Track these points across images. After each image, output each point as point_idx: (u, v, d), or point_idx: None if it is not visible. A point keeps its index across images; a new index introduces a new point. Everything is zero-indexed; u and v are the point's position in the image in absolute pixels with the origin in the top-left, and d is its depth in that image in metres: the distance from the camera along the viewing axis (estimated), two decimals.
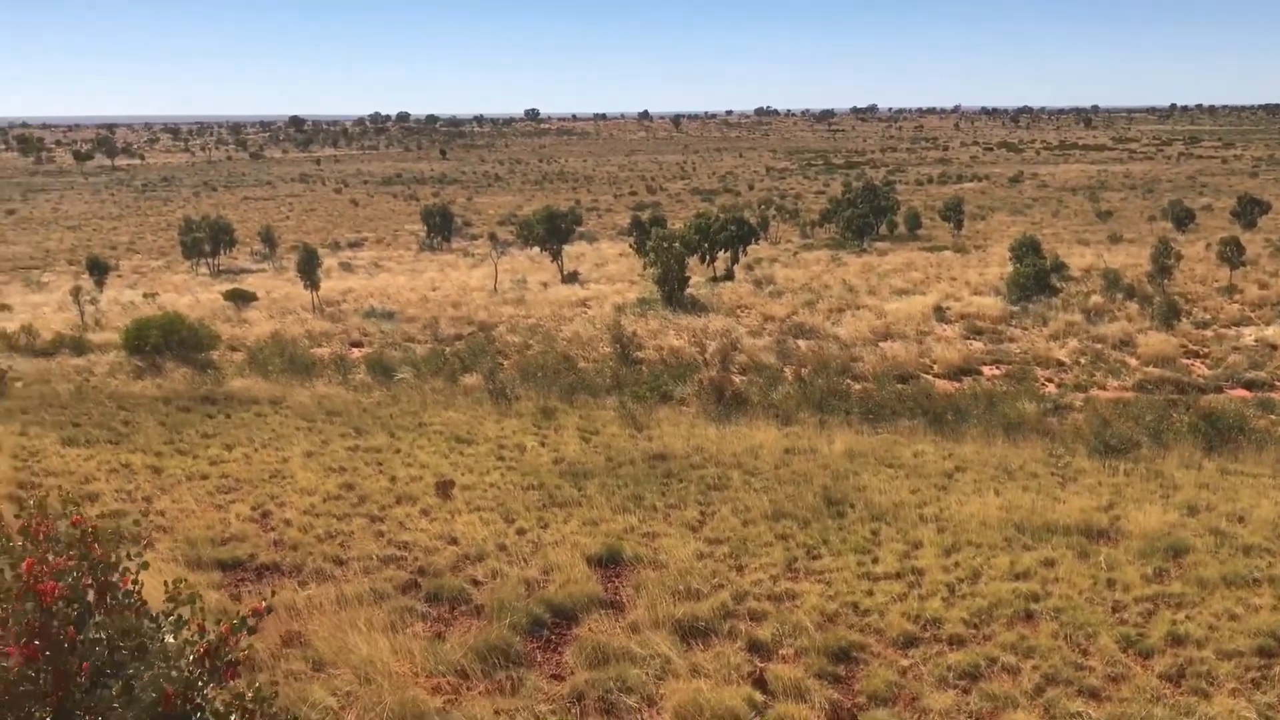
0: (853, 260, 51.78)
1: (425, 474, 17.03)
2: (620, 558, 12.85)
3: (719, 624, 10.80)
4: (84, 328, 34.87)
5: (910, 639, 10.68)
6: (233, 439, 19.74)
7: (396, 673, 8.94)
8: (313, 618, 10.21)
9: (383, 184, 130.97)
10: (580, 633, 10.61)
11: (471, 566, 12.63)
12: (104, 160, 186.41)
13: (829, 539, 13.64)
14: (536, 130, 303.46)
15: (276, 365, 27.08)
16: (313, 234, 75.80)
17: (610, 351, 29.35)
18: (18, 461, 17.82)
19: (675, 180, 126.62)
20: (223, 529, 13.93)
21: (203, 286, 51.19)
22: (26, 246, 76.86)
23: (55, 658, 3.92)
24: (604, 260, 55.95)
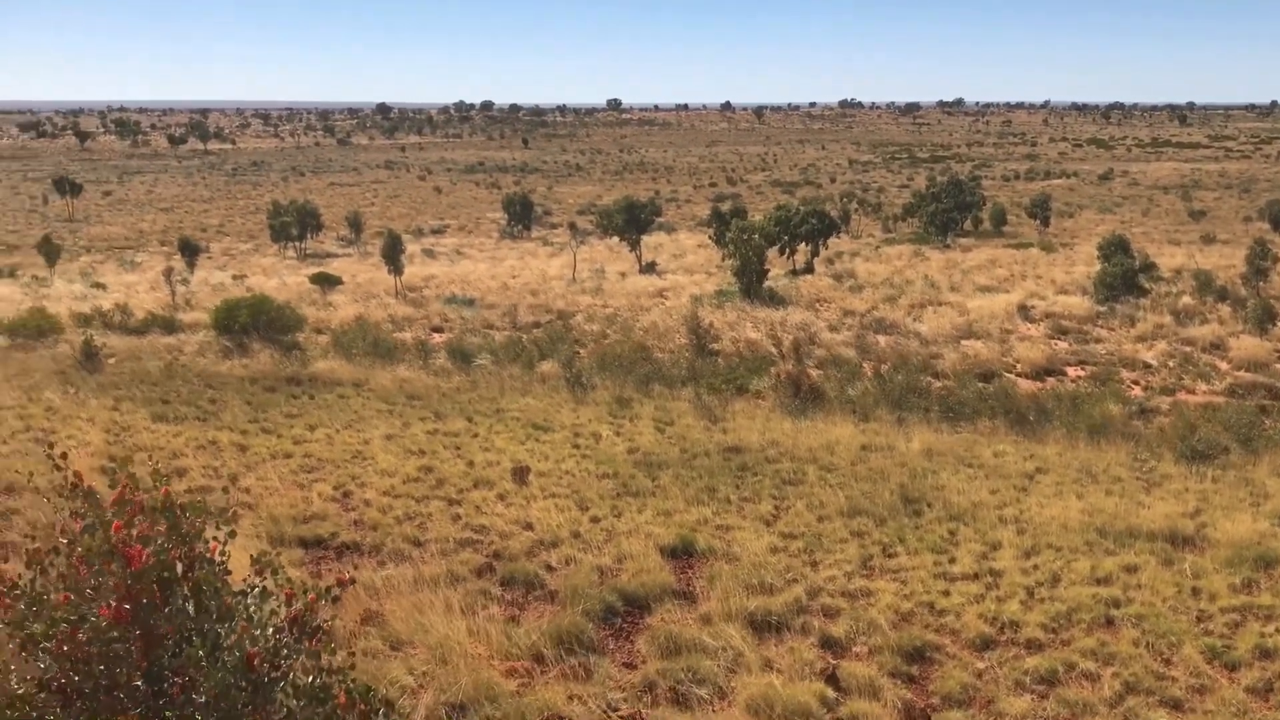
0: (936, 256, 51.05)
1: (502, 459, 17.21)
2: (693, 549, 12.86)
3: (792, 619, 10.77)
4: (175, 307, 35.79)
5: (987, 641, 10.54)
6: (316, 419, 20.15)
7: (472, 654, 9.07)
8: (390, 597, 10.40)
9: (466, 172, 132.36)
10: (652, 622, 10.65)
11: (546, 552, 12.75)
12: (197, 144, 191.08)
13: (905, 537, 13.51)
14: (618, 120, 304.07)
15: (360, 348, 27.53)
16: (397, 220, 76.90)
17: (686, 342, 29.32)
18: (109, 436, 18.40)
19: (756, 172, 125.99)
20: (305, 507, 14.24)
21: (290, 270, 52.22)
22: (121, 227, 79.19)
23: (143, 620, 4.06)
24: (682, 251, 55.88)
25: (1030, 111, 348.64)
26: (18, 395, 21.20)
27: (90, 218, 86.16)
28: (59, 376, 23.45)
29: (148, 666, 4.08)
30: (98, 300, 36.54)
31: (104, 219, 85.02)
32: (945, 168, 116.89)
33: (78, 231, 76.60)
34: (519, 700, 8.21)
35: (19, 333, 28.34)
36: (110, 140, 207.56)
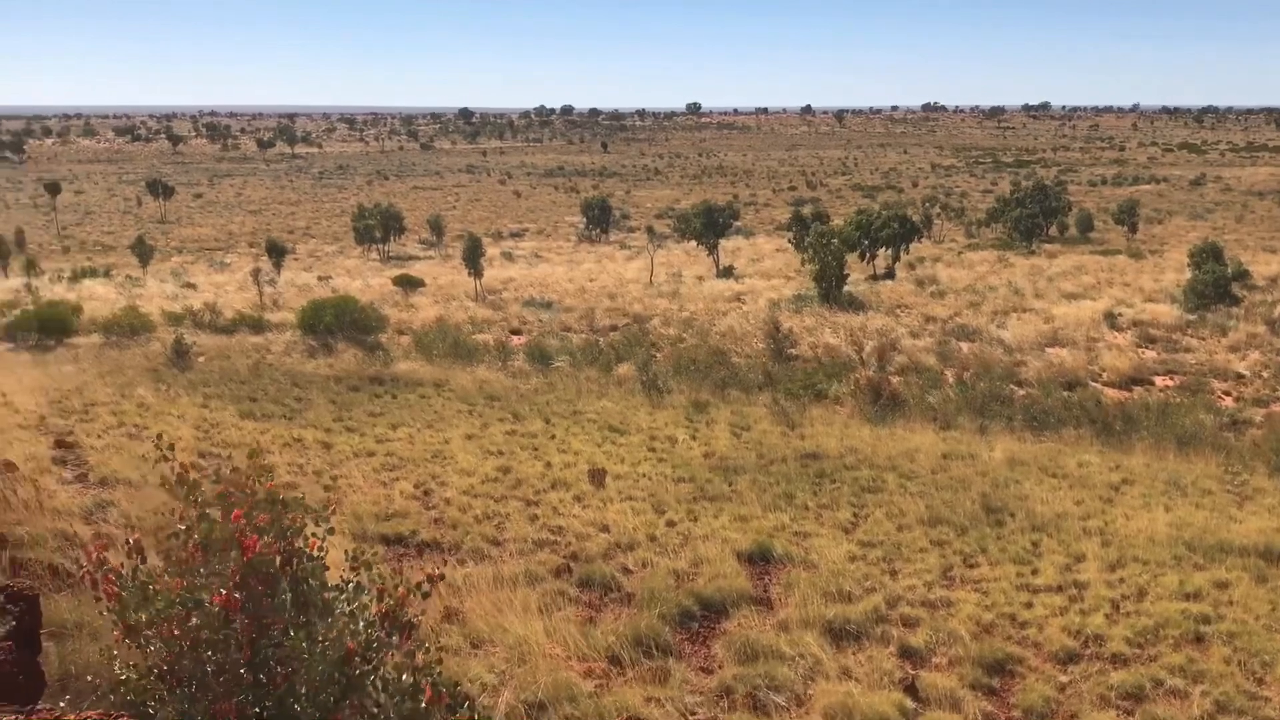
0: (1020, 262, 50.16)
1: (579, 461, 17.30)
2: (770, 555, 12.81)
3: (871, 628, 10.66)
4: (262, 307, 36.62)
5: (1070, 654, 10.33)
6: (398, 419, 20.46)
7: (550, 654, 9.14)
8: (470, 595, 10.53)
9: (545, 176, 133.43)
10: (729, 627, 10.63)
11: (622, 555, 12.79)
12: (284, 148, 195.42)
13: (987, 547, 13.30)
14: (697, 124, 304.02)
15: (440, 349, 27.92)
16: (477, 223, 77.82)
17: (764, 347, 29.20)
18: (199, 432, 18.89)
19: (836, 176, 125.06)
20: (387, 505, 14.47)
21: (373, 271, 53.13)
22: (211, 229, 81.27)
23: (252, 609, 4.17)
24: (760, 255, 55.69)
25: (1119, 115, 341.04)
26: (112, 392, 21.87)
27: (181, 219, 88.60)
28: (151, 374, 24.15)
29: (251, 655, 4.20)
30: (188, 300, 37.54)
31: (195, 221, 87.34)
32: (1030, 172, 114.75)
33: (170, 233, 78.82)
34: (597, 701, 8.26)
35: (113, 331, 29.24)
36: (201, 144, 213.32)
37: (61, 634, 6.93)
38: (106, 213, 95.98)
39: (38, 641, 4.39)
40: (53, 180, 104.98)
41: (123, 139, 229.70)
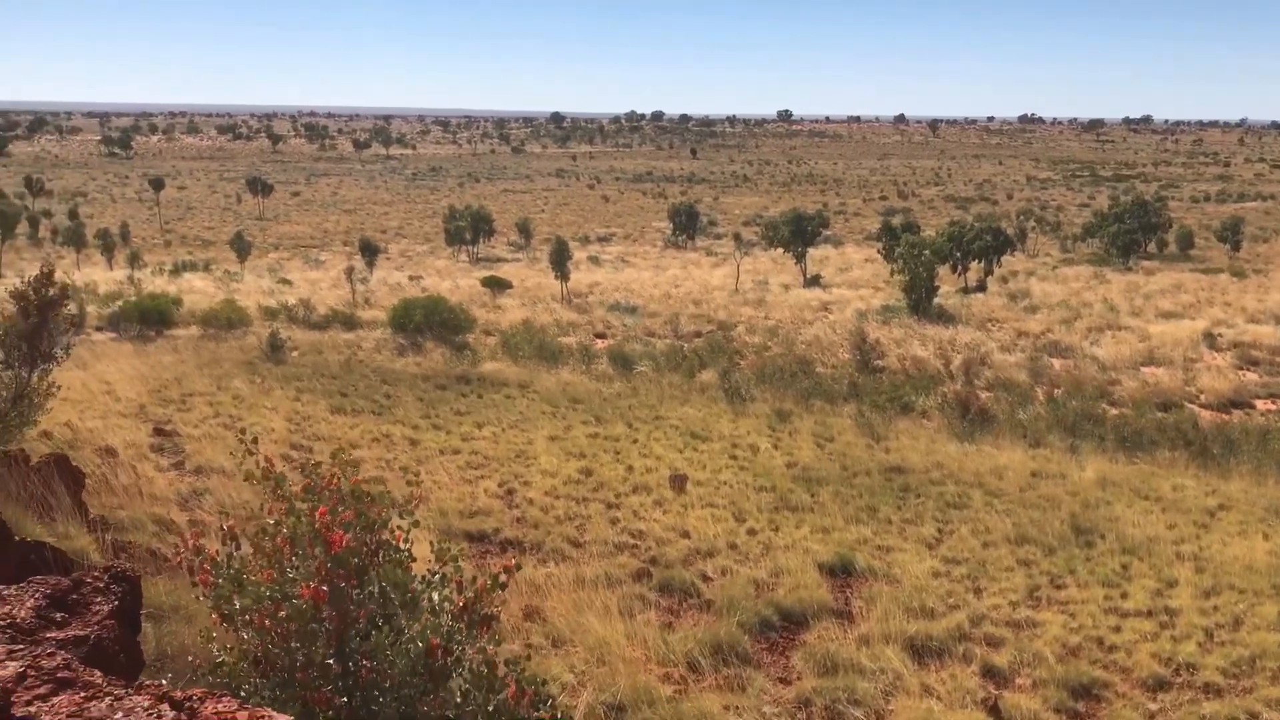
0: (1117, 278, 48.94)
1: (660, 466, 17.32)
2: (852, 568, 12.67)
3: (953, 645, 10.49)
4: (354, 305, 37.37)
5: (1160, 682, 10.04)
6: (483, 418, 20.70)
7: (629, 657, 9.16)
8: (551, 595, 10.61)
9: (633, 181, 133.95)
10: (808, 639, 10.54)
11: (702, 561, 12.77)
12: (380, 149, 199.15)
13: (1075, 569, 12.99)
14: (788, 131, 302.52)
15: (526, 351, 28.18)
16: (565, 227, 78.39)
17: (850, 358, 28.92)
18: (291, 424, 19.32)
19: (929, 186, 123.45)
20: (471, 502, 14.65)
21: (462, 272, 53.85)
22: (307, 227, 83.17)
23: (338, 603, 4.27)
24: (849, 265, 55.19)
25: (1225, 130, 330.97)
26: (208, 383, 22.48)
27: (279, 217, 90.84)
28: (246, 366, 24.77)
29: (338, 647, 4.29)
30: (283, 295, 38.45)
31: (291, 218, 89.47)
32: (1129, 187, 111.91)
33: (267, 229, 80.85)
34: (676, 706, 8.25)
35: (212, 323, 30.08)
36: (300, 143, 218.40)
37: (158, 615, 7.15)
38: (207, 209, 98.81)
39: (138, 622, 4.54)
40: (157, 176, 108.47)
41: (225, 137, 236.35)
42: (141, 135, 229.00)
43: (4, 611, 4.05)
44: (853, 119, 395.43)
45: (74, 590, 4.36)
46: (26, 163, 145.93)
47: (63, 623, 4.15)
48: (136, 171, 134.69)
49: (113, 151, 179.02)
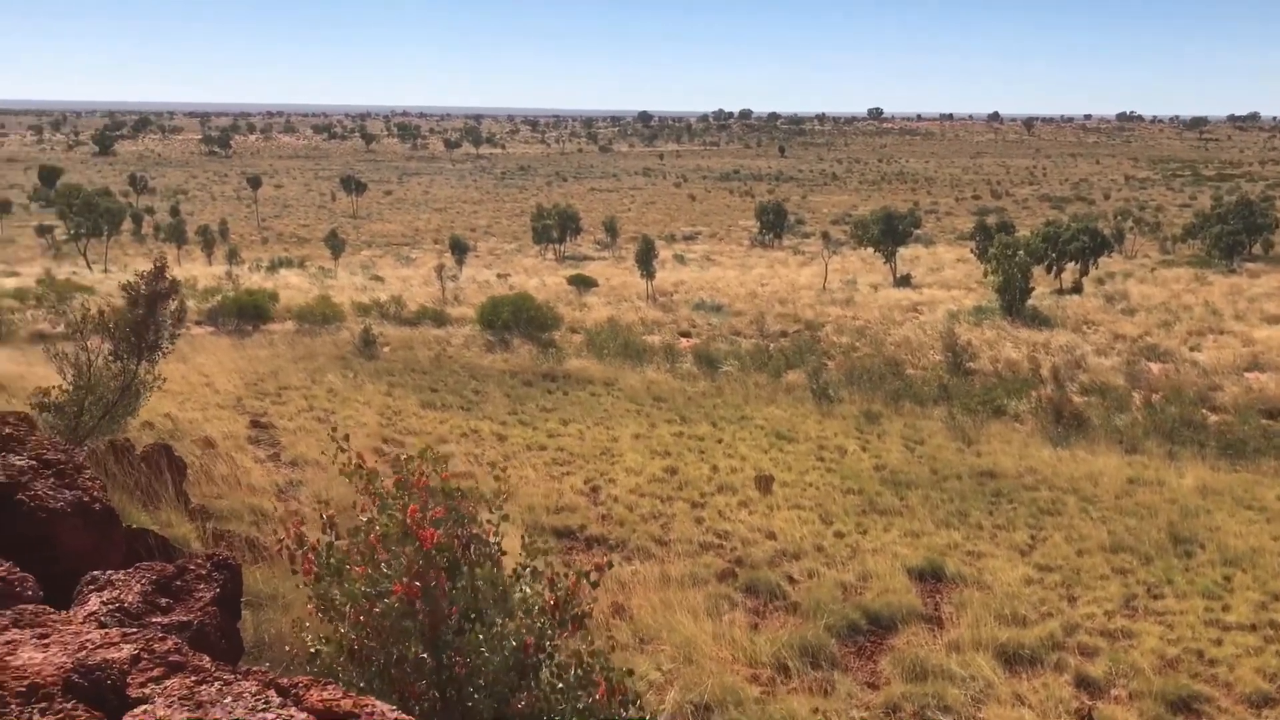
0: (1219, 280, 47.38)
1: (745, 466, 17.25)
2: (942, 573, 12.48)
3: (1046, 654, 10.25)
4: (444, 302, 37.89)
5: (1264, 698, 9.69)
6: (569, 415, 20.83)
7: (716, 657, 9.14)
8: (637, 593, 10.63)
9: (720, 179, 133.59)
10: (897, 644, 10.40)
11: (788, 563, 12.68)
12: (470, 148, 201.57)
13: (1173, 579, 12.62)
14: (878, 129, 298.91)
15: (611, 349, 28.29)
16: (651, 226, 78.51)
17: (940, 360, 28.47)
18: (383, 418, 19.66)
19: (1023, 185, 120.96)
20: (557, 499, 14.74)
21: (549, 270, 54.26)
22: (399, 225, 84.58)
23: (430, 599, 4.32)
24: (940, 265, 54.33)
25: None
26: (304, 376, 22.99)
27: (372, 215, 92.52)
28: (340, 361, 25.28)
29: (432, 643, 4.34)
30: (375, 292, 39.15)
31: (384, 216, 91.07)
32: (1234, 187, 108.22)
33: (360, 227, 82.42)
34: (763, 708, 8.21)
35: (306, 319, 30.75)
36: (393, 143, 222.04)
37: (256, 603, 7.33)
38: (303, 206, 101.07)
39: (238, 609, 4.66)
40: (255, 175, 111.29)
41: (320, 136, 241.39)
42: (240, 135, 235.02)
43: (113, 596, 4.18)
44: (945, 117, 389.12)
45: (178, 576, 4.49)
46: (131, 161, 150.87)
47: (168, 608, 4.27)
48: (235, 170, 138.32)
49: (213, 150, 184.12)
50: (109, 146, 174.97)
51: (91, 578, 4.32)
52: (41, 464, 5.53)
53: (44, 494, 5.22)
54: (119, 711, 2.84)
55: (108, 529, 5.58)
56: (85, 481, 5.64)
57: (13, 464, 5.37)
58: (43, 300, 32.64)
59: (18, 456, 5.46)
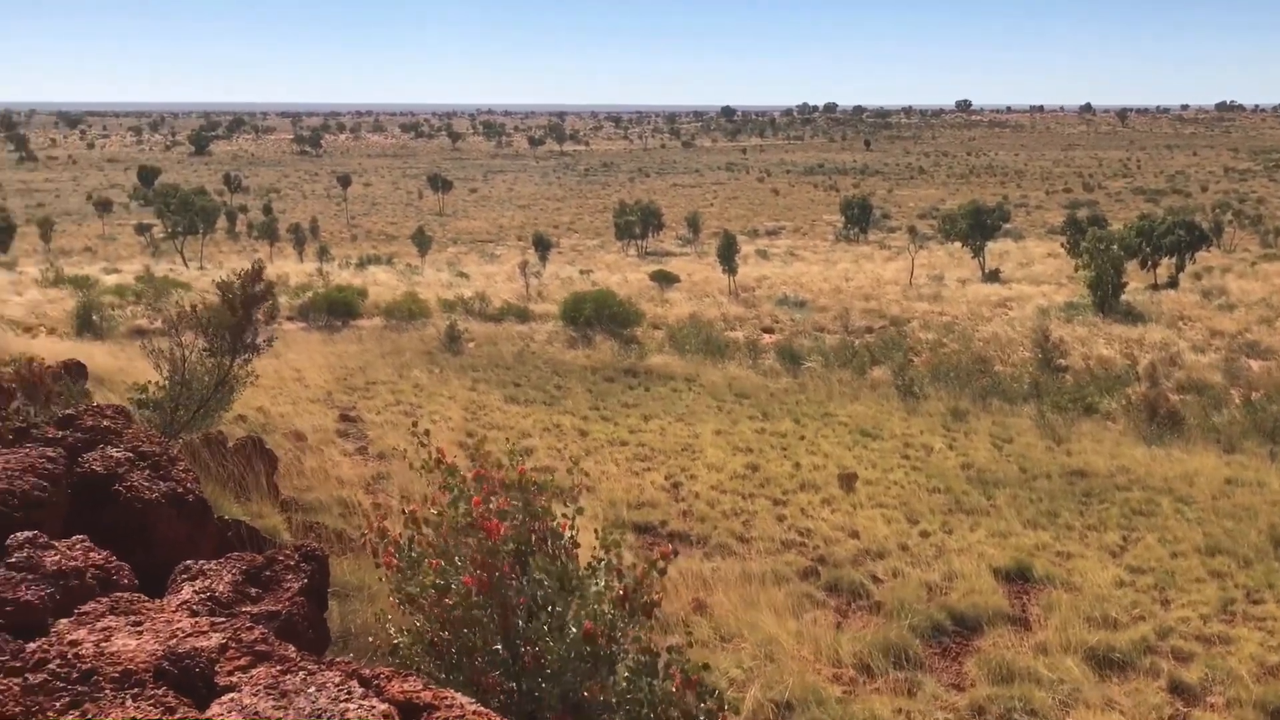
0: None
1: (828, 464, 17.09)
2: (1029, 574, 12.22)
3: (1138, 658, 9.98)
4: (527, 298, 38.22)
5: None
6: (650, 411, 20.87)
7: (797, 655, 9.08)
8: (718, 590, 10.59)
9: (804, 174, 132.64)
10: (982, 645, 10.22)
11: (871, 562, 12.53)
12: (554, 145, 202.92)
13: (1274, 583, 12.18)
14: (966, 122, 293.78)
15: (692, 345, 28.27)
16: (734, 221, 78.26)
17: (1030, 356, 27.90)
18: (467, 413, 19.92)
19: (1116, 178, 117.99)
20: (638, 494, 14.77)
21: (631, 266, 54.41)
22: (484, 222, 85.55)
23: (500, 590, 4.37)
24: (1030, 259, 53.25)
25: None
26: (391, 372, 23.39)
27: (458, 212, 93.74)
28: (426, 356, 25.67)
29: (504, 633, 4.39)
30: (460, 288, 39.65)
31: (469, 214, 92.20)
32: None
33: (446, 225, 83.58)
34: (845, 707, 8.13)
35: (394, 315, 31.28)
36: (478, 141, 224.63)
37: (343, 594, 7.47)
38: (391, 204, 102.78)
39: (325, 599, 4.75)
40: (344, 174, 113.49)
41: (408, 135, 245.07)
42: (330, 134, 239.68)
43: (205, 585, 4.29)
44: (1035, 109, 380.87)
45: (267, 567, 4.59)
46: (225, 161, 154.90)
47: (257, 598, 4.37)
48: (325, 169, 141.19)
49: (304, 150, 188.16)
50: (205, 147, 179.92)
51: (185, 567, 4.44)
52: (138, 456, 5.71)
53: (140, 485, 5.39)
54: (207, 699, 2.92)
55: (201, 519, 5.74)
56: (179, 473, 5.80)
57: (111, 456, 5.55)
58: (141, 297, 33.70)
59: (115, 449, 5.64)
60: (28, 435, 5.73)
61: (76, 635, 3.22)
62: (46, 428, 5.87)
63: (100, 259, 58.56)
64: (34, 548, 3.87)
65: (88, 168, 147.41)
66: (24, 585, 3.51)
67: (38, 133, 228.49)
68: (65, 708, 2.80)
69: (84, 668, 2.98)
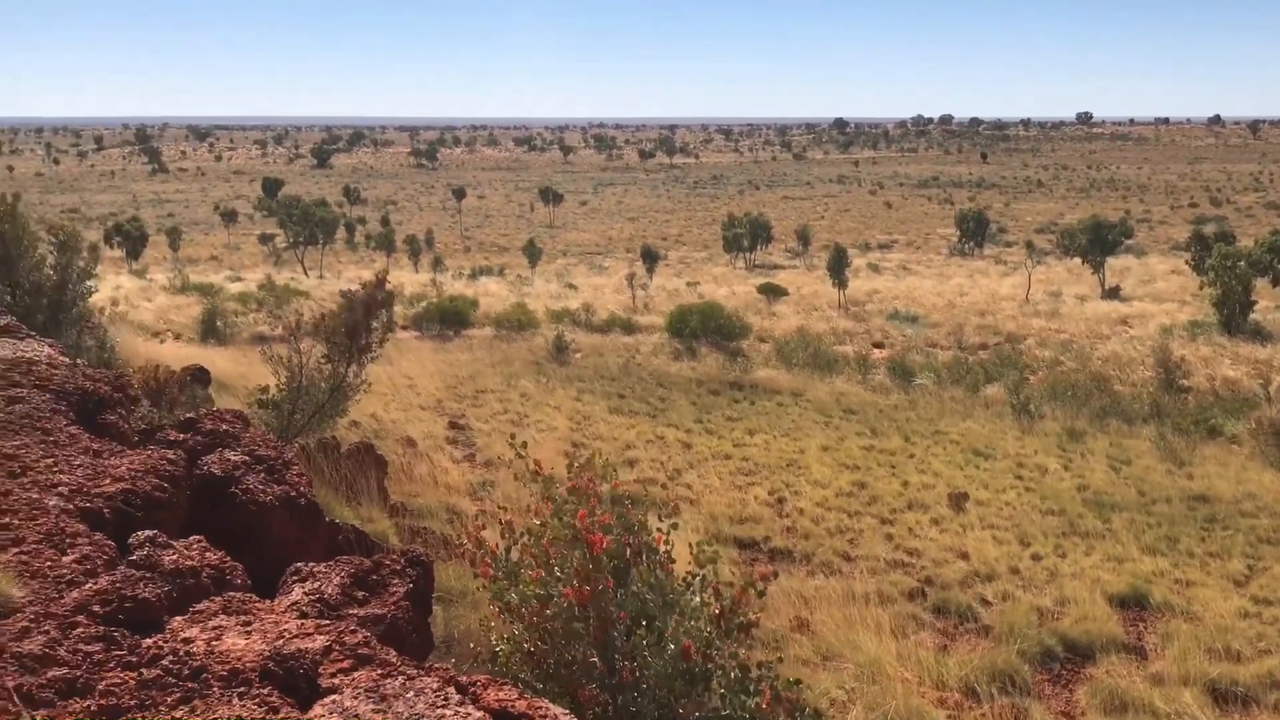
0: None
1: (938, 483, 16.77)
2: (1146, 601, 11.79)
3: (1263, 693, 9.54)
4: (634, 310, 38.41)
5: None
6: (755, 425, 20.75)
7: (901, 677, 8.91)
8: (820, 608, 10.47)
9: (918, 187, 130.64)
10: (1095, 673, 9.89)
11: (980, 584, 12.24)
12: (663, 158, 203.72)
13: None
14: (1087, 135, 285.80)
15: (800, 359, 28.03)
16: (844, 234, 77.45)
17: (1151, 376, 26.97)
18: (572, 423, 20.08)
19: (1247, 192, 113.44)
20: (741, 509, 14.69)
21: (739, 279, 54.23)
22: (593, 234, 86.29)
23: (599, 604, 4.39)
24: (1151, 276, 51.49)
25: None
26: (499, 381, 23.73)
27: (567, 225, 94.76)
28: (534, 366, 25.98)
29: (601, 647, 4.41)
30: (569, 300, 40.05)
31: (578, 226, 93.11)
32: None
33: (556, 237, 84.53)
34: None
35: (503, 325, 31.75)
36: (589, 154, 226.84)
37: (447, 600, 7.60)
38: (503, 216, 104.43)
39: (429, 604, 4.84)
40: (459, 186, 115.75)
41: (521, 149, 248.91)
42: (446, 148, 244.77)
43: (314, 588, 4.40)
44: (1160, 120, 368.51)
45: (374, 571, 4.69)
46: (345, 173, 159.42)
47: (364, 601, 4.47)
48: (441, 181, 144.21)
49: (420, 163, 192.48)
50: (326, 159, 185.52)
51: (295, 569, 4.57)
52: (254, 459, 5.90)
53: (255, 488, 5.57)
54: (309, 700, 2.99)
55: (312, 523, 5.90)
56: (293, 477, 5.98)
57: (228, 459, 5.75)
58: (263, 304, 34.86)
59: (233, 452, 5.84)
60: (151, 438, 5.97)
61: (189, 633, 3.34)
62: (169, 431, 6.11)
63: (225, 267, 60.78)
64: (153, 547, 4.03)
65: (215, 179, 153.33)
66: (143, 583, 3.65)
67: (169, 146, 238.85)
68: (176, 703, 2.90)
69: (194, 665, 3.09)
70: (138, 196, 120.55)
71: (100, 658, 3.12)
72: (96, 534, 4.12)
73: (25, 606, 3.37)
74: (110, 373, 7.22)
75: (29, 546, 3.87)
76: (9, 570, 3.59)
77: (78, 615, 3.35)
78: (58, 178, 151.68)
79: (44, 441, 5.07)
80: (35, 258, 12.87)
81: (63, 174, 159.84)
